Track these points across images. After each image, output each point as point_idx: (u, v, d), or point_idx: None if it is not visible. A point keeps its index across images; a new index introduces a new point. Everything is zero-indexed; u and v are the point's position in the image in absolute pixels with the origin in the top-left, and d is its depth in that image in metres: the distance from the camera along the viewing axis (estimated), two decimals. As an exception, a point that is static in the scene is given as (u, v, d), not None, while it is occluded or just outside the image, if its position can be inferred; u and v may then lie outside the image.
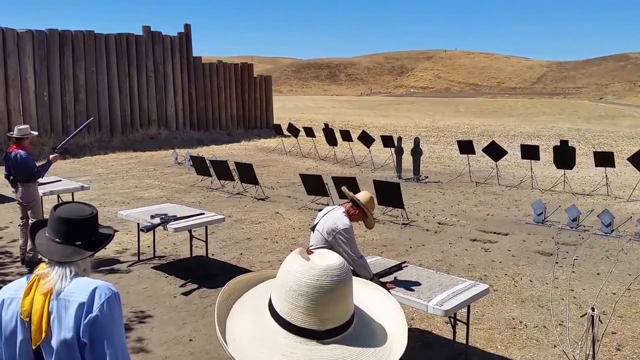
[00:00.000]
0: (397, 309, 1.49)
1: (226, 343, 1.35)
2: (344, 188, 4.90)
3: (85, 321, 1.87)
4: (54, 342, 1.88)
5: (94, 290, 1.92)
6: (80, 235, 2.01)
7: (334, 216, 4.48)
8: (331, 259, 1.36)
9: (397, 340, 1.39)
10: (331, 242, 4.39)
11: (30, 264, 6.66)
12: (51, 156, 6.91)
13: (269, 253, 7.56)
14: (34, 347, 1.89)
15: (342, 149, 18.03)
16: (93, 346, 1.88)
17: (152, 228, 6.18)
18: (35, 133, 7.31)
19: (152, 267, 6.96)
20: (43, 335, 1.87)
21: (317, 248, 4.43)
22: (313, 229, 4.63)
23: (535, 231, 8.79)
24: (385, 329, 1.42)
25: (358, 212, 4.53)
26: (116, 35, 21.04)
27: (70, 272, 1.96)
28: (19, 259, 6.92)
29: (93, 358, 1.89)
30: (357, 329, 1.37)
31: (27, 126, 7.17)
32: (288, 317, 1.32)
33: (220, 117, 25.00)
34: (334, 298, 1.31)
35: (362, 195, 4.60)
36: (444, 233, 8.74)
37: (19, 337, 1.91)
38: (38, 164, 6.91)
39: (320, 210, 4.82)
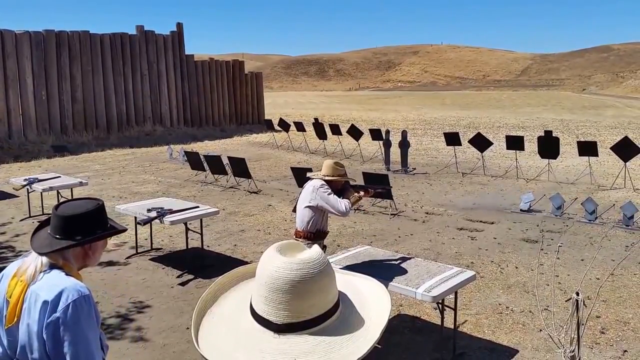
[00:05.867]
0: (386, 304, 1.48)
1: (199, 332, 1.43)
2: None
3: (48, 320, 1.87)
4: (22, 330, 1.93)
5: (61, 292, 1.90)
6: (62, 231, 2.02)
7: (310, 183, 4.66)
8: (306, 254, 1.38)
9: (370, 334, 1.39)
10: (316, 202, 4.55)
11: None
12: None
13: (262, 244, 7.66)
14: (5, 328, 1.97)
15: (332, 143, 18.12)
16: (53, 345, 1.89)
17: (149, 221, 6.28)
18: None
19: (150, 259, 7.09)
20: (15, 320, 1.94)
21: (306, 226, 4.63)
22: (295, 209, 4.78)
23: (520, 219, 8.93)
24: (366, 321, 1.43)
25: (333, 183, 4.68)
26: (111, 35, 21.10)
27: (43, 263, 1.98)
28: (21, 254, 7.04)
29: (55, 355, 1.89)
30: (341, 320, 1.40)
31: None
32: (265, 314, 1.34)
33: (213, 113, 25.12)
34: (309, 290, 1.33)
35: (326, 169, 4.70)
36: (432, 222, 8.87)
37: (4, 312, 2.00)
38: None
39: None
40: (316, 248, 1.43)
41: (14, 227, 8.53)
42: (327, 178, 4.65)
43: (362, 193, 4.84)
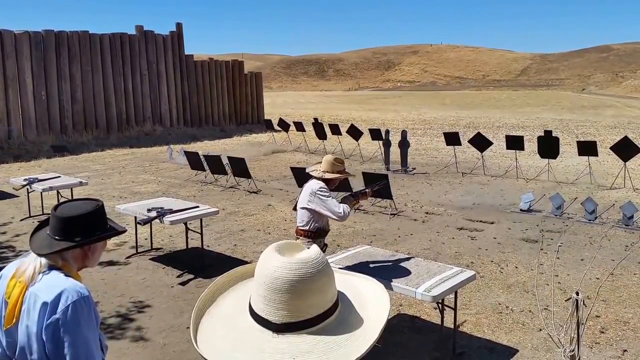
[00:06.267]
0: (385, 303, 1.49)
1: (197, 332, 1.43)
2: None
3: (47, 322, 1.87)
4: (21, 331, 1.93)
5: (60, 293, 1.90)
6: (62, 232, 2.02)
7: (309, 184, 4.64)
8: (305, 254, 1.39)
9: (369, 333, 1.39)
10: (313, 206, 4.53)
11: None
12: None
13: (262, 244, 7.65)
14: (4, 329, 1.97)
15: (332, 143, 18.11)
16: (53, 346, 1.89)
17: (149, 221, 6.29)
18: None
19: (150, 259, 7.10)
20: (14, 321, 1.94)
21: (306, 225, 4.62)
22: (295, 207, 4.78)
23: (520, 219, 8.92)
24: (365, 320, 1.43)
25: (333, 180, 4.66)
26: (110, 35, 21.16)
27: (42, 264, 1.98)
28: (21, 253, 7.06)
29: (55, 357, 1.90)
30: (340, 320, 1.40)
31: None
32: (264, 313, 1.35)
33: (213, 113, 25.19)
34: (308, 290, 1.33)
35: (325, 165, 4.67)
36: (432, 222, 8.87)
37: (2, 313, 2.00)
38: None
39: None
40: (315, 248, 1.43)
41: (14, 227, 8.54)
42: (326, 176, 4.64)
43: (360, 197, 4.85)
